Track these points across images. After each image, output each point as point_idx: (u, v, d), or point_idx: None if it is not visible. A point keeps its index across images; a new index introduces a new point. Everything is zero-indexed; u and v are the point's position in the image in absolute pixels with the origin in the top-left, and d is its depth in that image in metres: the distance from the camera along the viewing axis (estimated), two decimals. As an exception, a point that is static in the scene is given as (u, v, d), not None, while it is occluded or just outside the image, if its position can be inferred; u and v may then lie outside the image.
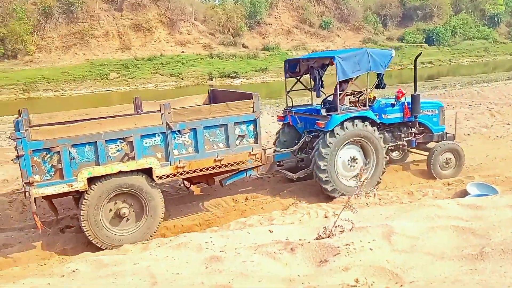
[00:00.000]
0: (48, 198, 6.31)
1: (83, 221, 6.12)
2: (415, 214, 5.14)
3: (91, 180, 6.05)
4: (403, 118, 8.72)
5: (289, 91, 8.99)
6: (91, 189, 6.06)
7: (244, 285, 3.78)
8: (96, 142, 5.93)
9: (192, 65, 43.09)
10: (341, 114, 7.72)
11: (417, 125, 9.04)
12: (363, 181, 4.73)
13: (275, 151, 8.35)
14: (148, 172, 6.31)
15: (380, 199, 7.77)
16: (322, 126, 7.64)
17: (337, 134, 7.57)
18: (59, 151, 5.79)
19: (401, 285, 3.47)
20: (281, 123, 9.18)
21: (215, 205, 8.06)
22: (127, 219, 6.43)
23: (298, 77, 9.05)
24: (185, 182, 7.81)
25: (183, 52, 45.67)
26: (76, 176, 5.93)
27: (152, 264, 4.59)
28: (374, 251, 4.17)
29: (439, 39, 51.04)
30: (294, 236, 5.19)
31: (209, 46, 47.08)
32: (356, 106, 8.45)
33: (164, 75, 41.87)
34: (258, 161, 7.00)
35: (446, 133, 9.35)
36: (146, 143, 6.26)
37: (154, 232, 6.55)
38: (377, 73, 8.46)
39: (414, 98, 8.72)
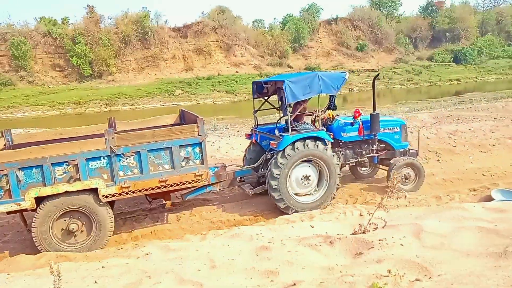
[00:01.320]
0: (15, 212, 6.16)
1: (34, 236, 5.87)
2: (443, 215, 4.96)
3: (40, 200, 5.81)
4: (363, 136, 8.15)
5: (256, 111, 8.32)
6: (40, 207, 5.80)
7: (289, 271, 3.81)
8: (42, 165, 5.67)
9: (245, 83, 43.58)
10: (292, 135, 7.07)
11: (378, 143, 8.36)
12: (395, 184, 4.62)
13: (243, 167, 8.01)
14: (95, 191, 6.00)
15: (409, 201, 7.52)
16: (275, 146, 7.15)
17: (287, 155, 7.00)
18: (6, 174, 5.56)
19: (430, 277, 3.38)
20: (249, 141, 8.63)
21: (263, 203, 8.07)
22: (76, 234, 6.09)
23: (266, 98, 8.41)
24: (147, 197, 7.30)
25: (237, 72, 46.36)
26: (24, 196, 5.68)
27: (211, 251, 4.69)
28: (405, 246, 4.07)
29: (466, 59, 48.68)
30: (333, 231, 5.15)
31: (259, 66, 47.52)
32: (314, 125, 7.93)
33: (221, 91, 42.63)
34: (204, 181, 6.52)
35: (409, 149, 8.66)
36: (91, 165, 5.94)
37: (105, 244, 6.21)
38: (329, 95, 7.80)
39: (373, 117, 8.12)
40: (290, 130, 7.17)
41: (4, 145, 7.03)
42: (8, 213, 6.17)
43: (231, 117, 24.14)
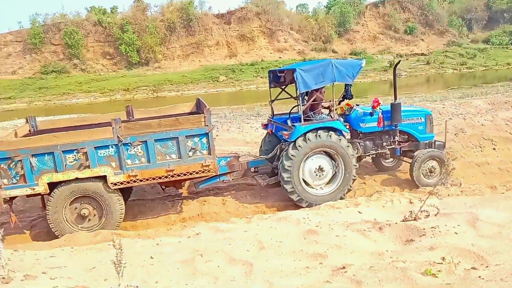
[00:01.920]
0: (32, 196, 6.39)
1: (48, 219, 6.12)
2: (500, 205, 4.75)
3: (53, 185, 6.03)
4: (383, 126, 7.72)
5: (273, 100, 8.17)
6: (53, 192, 6.04)
7: (338, 255, 3.82)
8: (53, 152, 5.88)
9: (288, 68, 43.27)
10: (304, 125, 6.84)
11: (399, 134, 7.90)
12: (450, 171, 4.46)
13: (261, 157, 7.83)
14: (104, 179, 6.14)
15: (461, 191, 7.23)
16: (287, 137, 6.95)
17: (299, 146, 6.78)
18: (21, 160, 5.83)
19: (487, 266, 3.27)
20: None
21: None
22: (89, 218, 6.31)
23: (283, 87, 8.13)
24: (161, 185, 7.35)
25: (280, 57, 46.06)
26: (38, 181, 5.92)
27: (259, 233, 4.78)
28: (459, 235, 3.95)
29: (527, 41, 45.46)
30: (381, 218, 5.08)
31: (302, 52, 46.91)
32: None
33: (264, 77, 42.55)
34: (212, 172, 6.45)
35: (435, 141, 8.06)
36: (101, 154, 6.07)
37: (118, 225, 6.40)
38: (344, 84, 7.51)
39: (394, 106, 7.64)
40: (302, 120, 6.94)
41: (29, 130, 7.39)
42: (27, 196, 6.38)
43: (274, 103, 23.99)
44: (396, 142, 7.85)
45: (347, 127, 7.48)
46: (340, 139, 6.92)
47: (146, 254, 4.26)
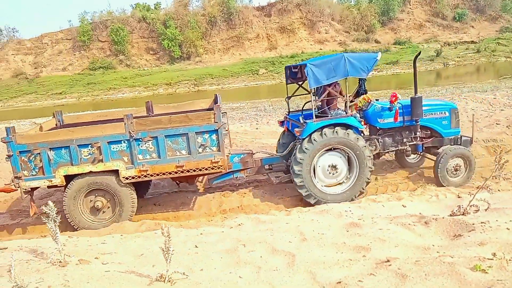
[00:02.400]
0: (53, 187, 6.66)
1: (65, 210, 6.31)
2: (558, 200, 4.47)
3: (69, 178, 6.26)
4: (403, 122, 7.37)
5: (290, 97, 7.95)
6: (69, 184, 6.27)
7: (382, 248, 3.77)
8: (69, 146, 6.09)
9: (329, 60, 42.61)
10: (316, 122, 6.66)
11: (421, 129, 7.52)
12: (503, 164, 4.26)
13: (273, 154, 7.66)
14: (116, 173, 6.30)
15: (512, 186, 6.86)
16: (298, 134, 6.78)
17: (314, 140, 6.60)
18: (39, 153, 6.07)
19: (543, 264, 3.10)
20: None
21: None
22: (103, 211, 6.51)
23: (300, 83, 7.87)
24: (175, 181, 7.50)
25: (321, 49, 45.42)
26: (55, 174, 6.16)
27: (301, 225, 4.80)
28: (512, 230, 3.77)
29: None
30: (427, 212, 4.95)
31: (344, 43, 46.01)
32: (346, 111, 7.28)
33: (304, 70, 42.21)
34: (221, 168, 6.43)
35: (461, 136, 7.60)
36: (113, 148, 6.22)
37: (130, 218, 6.56)
38: (358, 78, 7.25)
39: (414, 101, 7.24)
40: (314, 116, 6.77)
41: (56, 124, 7.72)
42: (48, 187, 6.71)
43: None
44: (418, 138, 7.48)
45: (362, 123, 7.14)
46: (357, 138, 6.67)
47: (190, 243, 4.39)
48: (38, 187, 6.56)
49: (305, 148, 6.61)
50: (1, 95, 45.40)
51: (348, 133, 6.62)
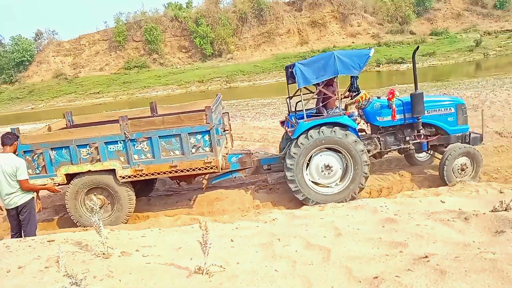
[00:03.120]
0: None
1: (68, 207, 6.61)
2: None
3: (71, 176, 6.50)
4: (404, 119, 7.11)
5: (291, 97, 7.78)
6: (71, 183, 6.52)
7: (419, 244, 3.71)
8: (69, 146, 6.31)
9: (362, 53, 41.80)
10: (307, 122, 6.55)
11: (426, 127, 7.24)
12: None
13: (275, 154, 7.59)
14: (113, 172, 6.48)
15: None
16: (291, 135, 6.67)
17: (301, 143, 6.51)
18: (42, 152, 6.32)
19: None
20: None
21: (382, 179, 7.80)
22: (104, 209, 6.64)
23: None
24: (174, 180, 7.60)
25: (353, 42, 44.62)
26: (56, 172, 6.40)
27: (335, 220, 4.79)
28: (559, 227, 3.62)
29: None
30: (467, 208, 4.81)
31: (377, 35, 44.97)
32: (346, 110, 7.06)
33: (337, 64, 41.61)
34: (214, 169, 6.43)
35: (470, 133, 7.23)
36: (110, 148, 6.39)
37: (125, 219, 6.72)
38: (350, 76, 7.09)
39: (414, 97, 6.96)
40: (305, 116, 6.66)
41: (66, 124, 8.03)
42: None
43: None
44: (422, 136, 7.21)
45: (356, 122, 6.90)
46: (346, 135, 6.50)
47: (226, 237, 4.49)
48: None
49: (294, 153, 6.58)
50: (43, 95, 47.59)
51: (334, 131, 6.49)
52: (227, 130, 7.83)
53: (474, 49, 38.84)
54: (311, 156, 6.68)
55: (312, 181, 6.78)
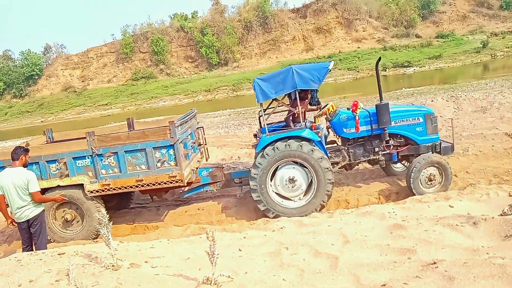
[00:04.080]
0: None
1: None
2: None
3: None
4: (371, 131, 7.02)
5: (265, 110, 7.57)
6: None
7: (428, 250, 3.69)
8: (38, 162, 6.42)
9: (367, 58, 41.80)
10: (269, 136, 6.58)
11: (395, 137, 7.14)
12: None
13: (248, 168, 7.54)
14: (82, 186, 6.55)
15: None
16: (254, 148, 6.78)
17: (266, 154, 6.52)
18: None
19: None
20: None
21: (391, 183, 7.78)
22: (73, 223, 6.79)
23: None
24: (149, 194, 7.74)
25: (358, 47, 44.67)
26: None
27: (343, 227, 4.78)
28: None
29: None
30: (475, 212, 4.77)
31: (382, 40, 44.98)
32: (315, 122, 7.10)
33: (342, 69, 41.66)
34: (179, 182, 6.47)
35: (440, 143, 7.11)
36: (78, 164, 6.48)
37: (96, 232, 6.66)
38: (310, 90, 7.05)
39: (379, 108, 6.85)
40: (266, 130, 6.71)
41: (46, 141, 8.16)
42: None
43: (354, 94, 23.46)
44: (391, 147, 7.13)
45: (319, 135, 6.83)
46: (312, 150, 6.46)
47: (234, 246, 4.50)
48: None
49: (259, 163, 6.59)
50: (52, 108, 48.22)
51: (301, 145, 6.46)
52: (201, 144, 7.96)
53: (481, 50, 38.63)
54: (277, 168, 6.69)
55: (276, 193, 6.76)
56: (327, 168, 6.50)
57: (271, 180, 6.72)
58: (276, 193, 6.76)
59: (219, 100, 38.37)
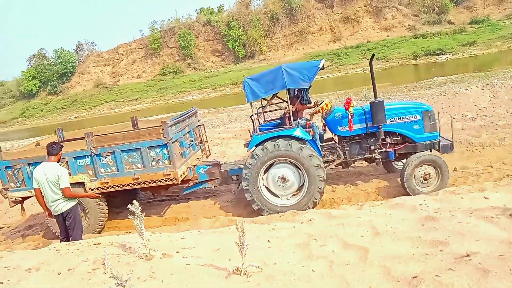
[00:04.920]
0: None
1: (47, 219, 6.97)
2: None
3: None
4: (366, 129, 6.89)
5: (263, 107, 7.63)
6: None
7: (461, 242, 3.61)
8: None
9: (397, 47, 40.73)
10: (260, 135, 6.61)
11: (392, 135, 6.97)
12: None
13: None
14: (83, 184, 6.86)
15: None
16: (246, 147, 6.81)
17: (256, 155, 6.56)
18: (21, 168, 6.87)
19: None
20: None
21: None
22: None
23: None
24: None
25: (388, 36, 43.58)
26: (34, 185, 6.73)
27: (373, 219, 4.73)
28: None
29: None
30: (512, 204, 4.61)
31: (413, 27, 43.65)
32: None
33: (371, 59, 40.74)
34: (174, 181, 6.65)
35: (439, 141, 6.87)
36: (79, 163, 6.81)
37: (98, 228, 7.13)
38: (299, 88, 7.00)
39: (374, 106, 6.73)
40: (258, 129, 6.77)
41: (57, 140, 8.40)
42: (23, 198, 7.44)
43: (383, 84, 22.94)
44: (388, 145, 6.99)
45: (310, 133, 6.84)
46: (301, 148, 6.46)
47: (263, 237, 4.55)
48: (31, 197, 7.18)
49: (249, 164, 6.65)
50: (85, 104, 49.75)
51: (290, 144, 6.47)
52: (202, 142, 8.24)
53: (519, 35, 36.89)
54: (268, 167, 6.73)
55: (269, 191, 6.82)
56: (318, 166, 6.50)
57: (264, 178, 6.78)
58: (269, 190, 6.83)
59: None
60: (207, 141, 8.55)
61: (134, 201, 6.88)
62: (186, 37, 48.42)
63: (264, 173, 6.76)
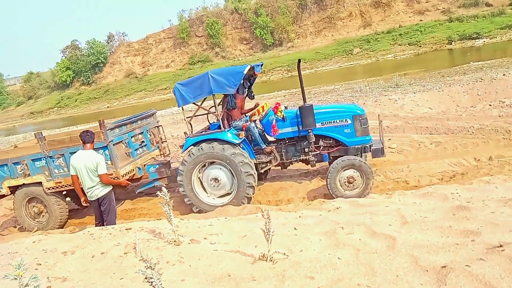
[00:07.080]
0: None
1: (16, 216, 8.05)
2: None
3: (14, 188, 7.79)
4: (298, 132, 7.10)
5: (211, 108, 7.78)
6: (15, 194, 7.82)
7: (494, 233, 3.50)
8: (7, 164, 7.55)
9: (431, 31, 39.32)
10: (193, 137, 7.04)
11: (324, 138, 7.19)
12: None
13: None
14: (41, 184, 7.54)
15: None
16: (181, 149, 7.29)
17: (191, 153, 7.01)
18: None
19: None
20: None
21: (456, 164, 7.40)
22: (42, 215, 7.89)
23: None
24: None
25: (421, 20, 42.09)
26: (2, 186, 7.73)
27: (402, 208, 4.65)
28: None
29: None
30: (551, 193, 4.43)
31: (448, 10, 41.94)
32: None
33: (403, 44, 39.62)
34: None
35: (370, 145, 6.96)
36: (37, 165, 7.48)
37: (58, 224, 7.82)
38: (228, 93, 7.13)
39: (302, 110, 6.82)
40: (191, 132, 7.23)
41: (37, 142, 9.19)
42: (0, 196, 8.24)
43: (415, 71, 22.23)
44: (321, 147, 7.23)
45: (240, 136, 7.03)
46: (234, 154, 6.78)
47: (289, 225, 4.57)
48: (6, 195, 8.09)
49: (185, 161, 7.05)
50: (117, 94, 50.98)
51: (213, 147, 6.85)
52: (159, 141, 8.78)
53: None
54: (202, 167, 7.13)
55: (204, 189, 7.21)
56: (242, 162, 6.81)
57: (197, 178, 7.17)
58: (203, 188, 7.22)
59: (274, 81, 38.24)
60: (165, 141, 9.09)
61: (163, 188, 7.27)
62: (214, 25, 48.53)
63: (200, 172, 7.18)
